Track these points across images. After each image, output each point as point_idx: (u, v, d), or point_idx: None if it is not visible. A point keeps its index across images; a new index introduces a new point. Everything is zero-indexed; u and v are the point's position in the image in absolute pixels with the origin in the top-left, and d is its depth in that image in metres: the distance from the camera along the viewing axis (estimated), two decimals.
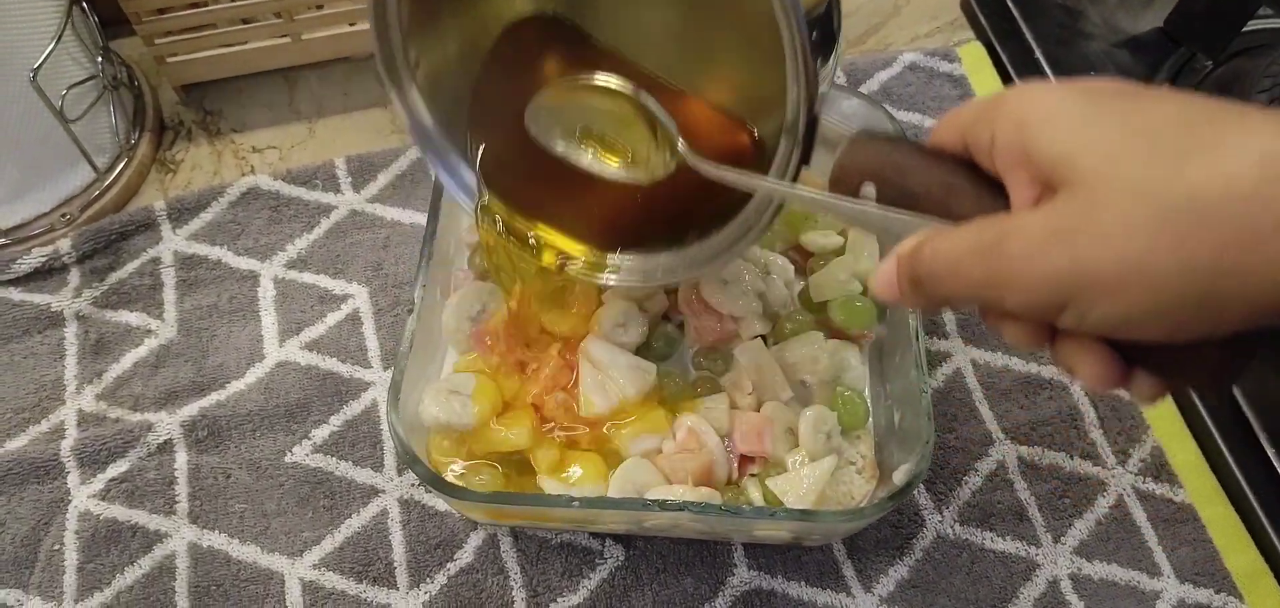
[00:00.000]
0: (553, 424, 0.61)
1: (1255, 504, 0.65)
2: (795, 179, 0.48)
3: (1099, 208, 0.33)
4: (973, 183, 0.40)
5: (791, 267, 0.67)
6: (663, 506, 0.54)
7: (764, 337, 0.64)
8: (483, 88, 0.58)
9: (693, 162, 0.50)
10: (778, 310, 0.66)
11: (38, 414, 0.68)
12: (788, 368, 0.64)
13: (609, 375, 0.62)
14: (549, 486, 0.59)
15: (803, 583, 0.63)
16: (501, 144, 0.58)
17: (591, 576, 0.62)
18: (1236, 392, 0.67)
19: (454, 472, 0.60)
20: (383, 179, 0.77)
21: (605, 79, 0.52)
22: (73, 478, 0.65)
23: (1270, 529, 0.64)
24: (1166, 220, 0.31)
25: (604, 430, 0.61)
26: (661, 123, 0.51)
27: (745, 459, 0.61)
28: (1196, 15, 0.83)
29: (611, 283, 0.59)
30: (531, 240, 0.60)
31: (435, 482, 0.54)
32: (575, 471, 0.60)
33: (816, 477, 0.59)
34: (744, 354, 0.63)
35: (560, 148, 0.54)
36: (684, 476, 0.59)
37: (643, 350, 0.64)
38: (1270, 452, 0.65)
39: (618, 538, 0.64)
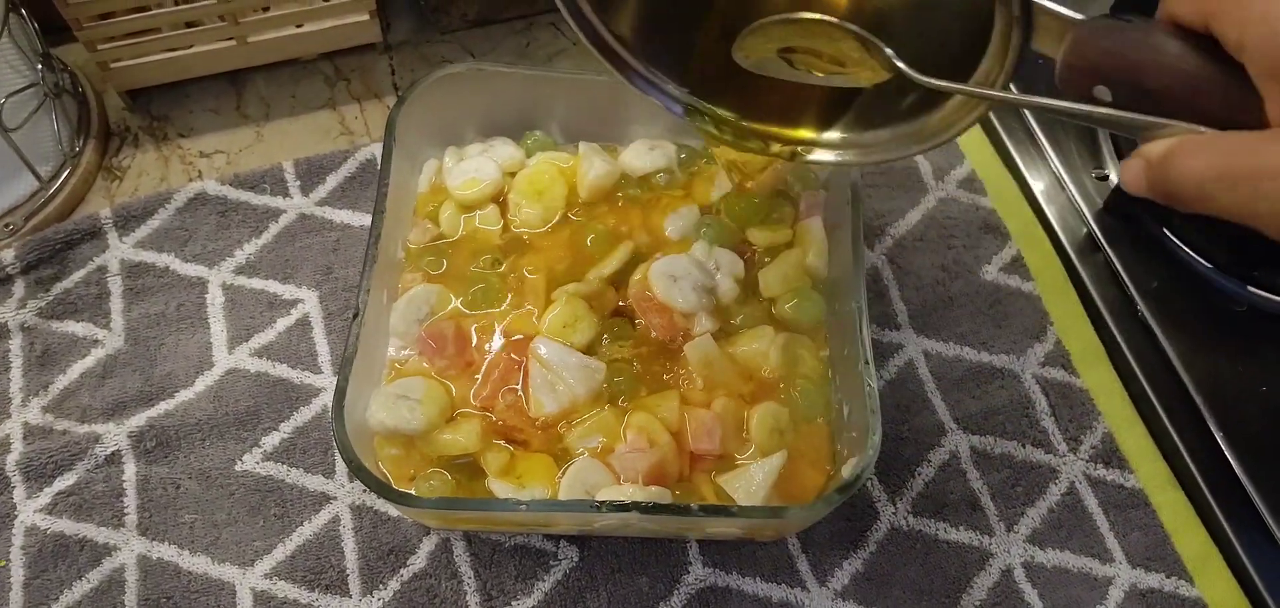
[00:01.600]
0: (502, 426, 0.61)
1: (1204, 489, 0.65)
2: (1020, 60, 0.46)
3: None
4: (1220, 81, 0.38)
5: (741, 262, 0.67)
6: (611, 507, 0.54)
7: (714, 333, 0.64)
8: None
9: (910, 75, 0.49)
10: (727, 306, 0.66)
11: None
12: (739, 363, 0.64)
13: (558, 375, 0.61)
14: (499, 489, 0.59)
15: (758, 579, 0.63)
16: (711, 67, 0.59)
17: (546, 578, 0.62)
18: (1184, 378, 0.68)
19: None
20: (332, 181, 0.76)
21: (809, 16, 0.52)
22: (19, 492, 0.64)
23: (1219, 513, 0.65)
24: None
25: (555, 431, 0.61)
26: (872, 43, 0.50)
27: (696, 457, 0.61)
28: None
29: (831, 159, 0.59)
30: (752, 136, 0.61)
31: (382, 489, 0.54)
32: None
33: (767, 473, 0.59)
34: (694, 351, 0.63)
35: (773, 70, 0.55)
36: (635, 475, 0.59)
37: (592, 349, 0.64)
38: (1219, 437, 0.66)
39: (572, 539, 0.63)
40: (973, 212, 0.77)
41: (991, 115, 0.81)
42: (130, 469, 0.65)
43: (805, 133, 0.60)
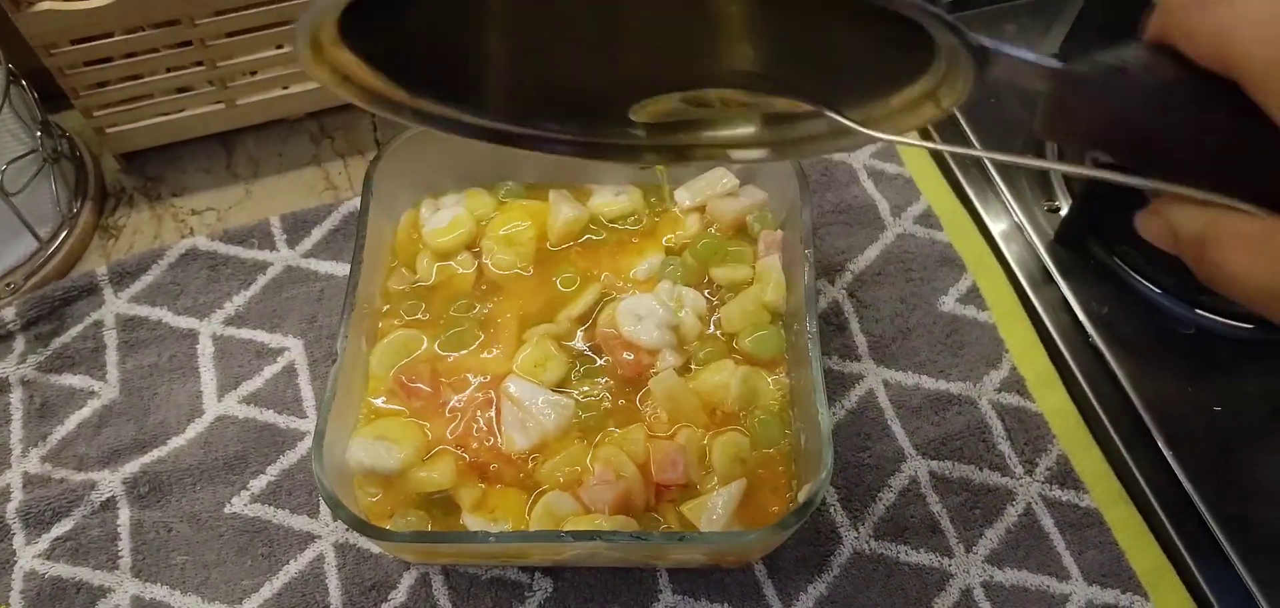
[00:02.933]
0: (475, 463, 0.64)
1: (1156, 506, 0.68)
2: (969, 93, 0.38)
3: None
4: (1254, 148, 0.31)
5: (703, 300, 0.70)
6: (575, 536, 0.57)
7: (678, 368, 0.67)
8: None
9: (847, 124, 0.43)
10: (691, 342, 0.69)
11: None
12: (701, 396, 0.67)
13: (528, 412, 0.64)
14: (472, 523, 0.62)
15: (726, 604, 0.65)
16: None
17: None
18: (1134, 399, 0.71)
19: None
20: (317, 234, 0.80)
21: (720, 92, 0.46)
22: (18, 539, 0.67)
23: (1171, 529, 0.67)
24: None
25: (526, 466, 0.64)
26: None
27: (662, 487, 0.64)
28: (1088, 43, 0.87)
29: (760, 157, 0.52)
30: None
31: (357, 524, 0.56)
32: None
33: (727, 500, 0.62)
34: (658, 385, 0.66)
35: (680, 115, 0.49)
36: (602, 506, 0.62)
37: (562, 386, 0.67)
38: (1168, 455, 0.68)
39: (546, 571, 0.66)
40: (929, 246, 0.80)
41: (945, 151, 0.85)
42: (124, 514, 0.68)
43: (725, 131, 0.51)
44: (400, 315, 0.70)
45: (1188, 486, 0.67)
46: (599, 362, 0.68)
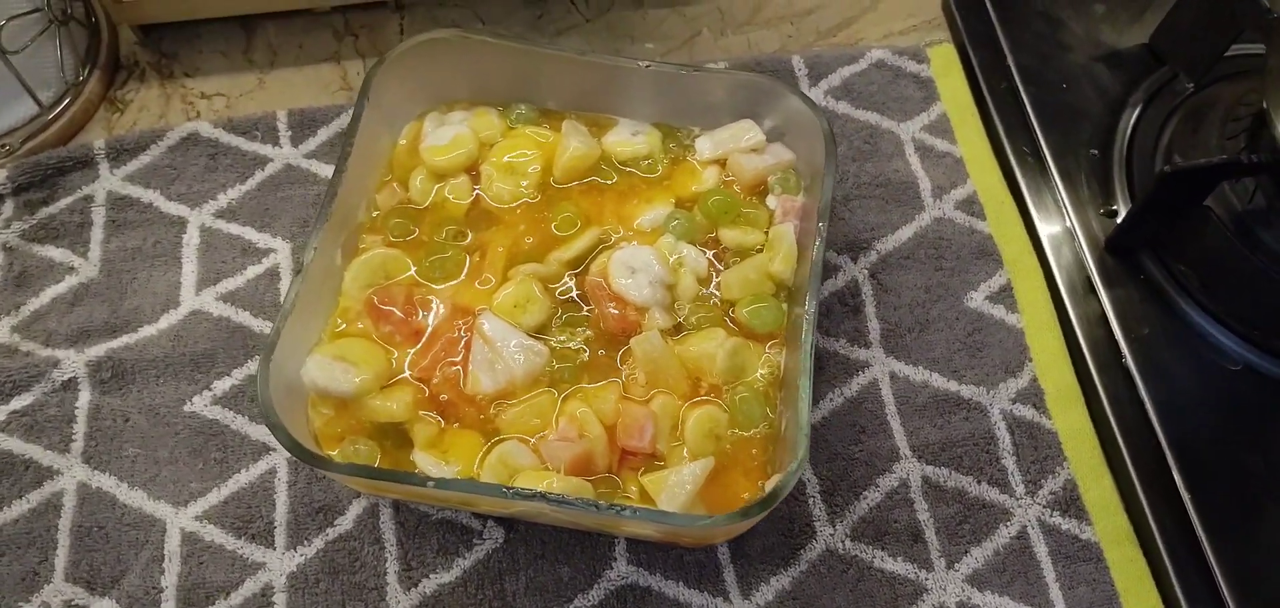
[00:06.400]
0: (436, 399, 0.61)
1: (1163, 551, 0.62)
2: None
3: None
4: None
5: (705, 260, 0.66)
6: (518, 493, 0.53)
7: (667, 330, 0.63)
8: None
9: None
10: (684, 304, 0.64)
11: None
12: (686, 363, 0.62)
13: (499, 353, 0.61)
14: (423, 461, 0.59)
15: (681, 584, 0.62)
16: None
17: (467, 555, 0.62)
18: (1160, 432, 0.64)
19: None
20: (323, 134, 0.76)
21: None
22: None
23: (1175, 579, 0.61)
24: None
25: (489, 410, 0.61)
26: None
27: (627, 453, 0.60)
28: (1184, 33, 0.79)
29: None
30: None
31: (294, 447, 0.53)
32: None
33: (693, 477, 0.58)
34: (640, 345, 0.62)
35: None
36: (559, 464, 0.58)
37: (543, 331, 0.63)
38: (1186, 497, 0.63)
39: (499, 520, 0.63)
40: (968, 234, 0.74)
41: (1002, 133, 0.78)
42: (84, 397, 0.66)
43: None
44: (386, 233, 0.67)
45: (1202, 534, 0.62)
46: (584, 311, 0.64)
